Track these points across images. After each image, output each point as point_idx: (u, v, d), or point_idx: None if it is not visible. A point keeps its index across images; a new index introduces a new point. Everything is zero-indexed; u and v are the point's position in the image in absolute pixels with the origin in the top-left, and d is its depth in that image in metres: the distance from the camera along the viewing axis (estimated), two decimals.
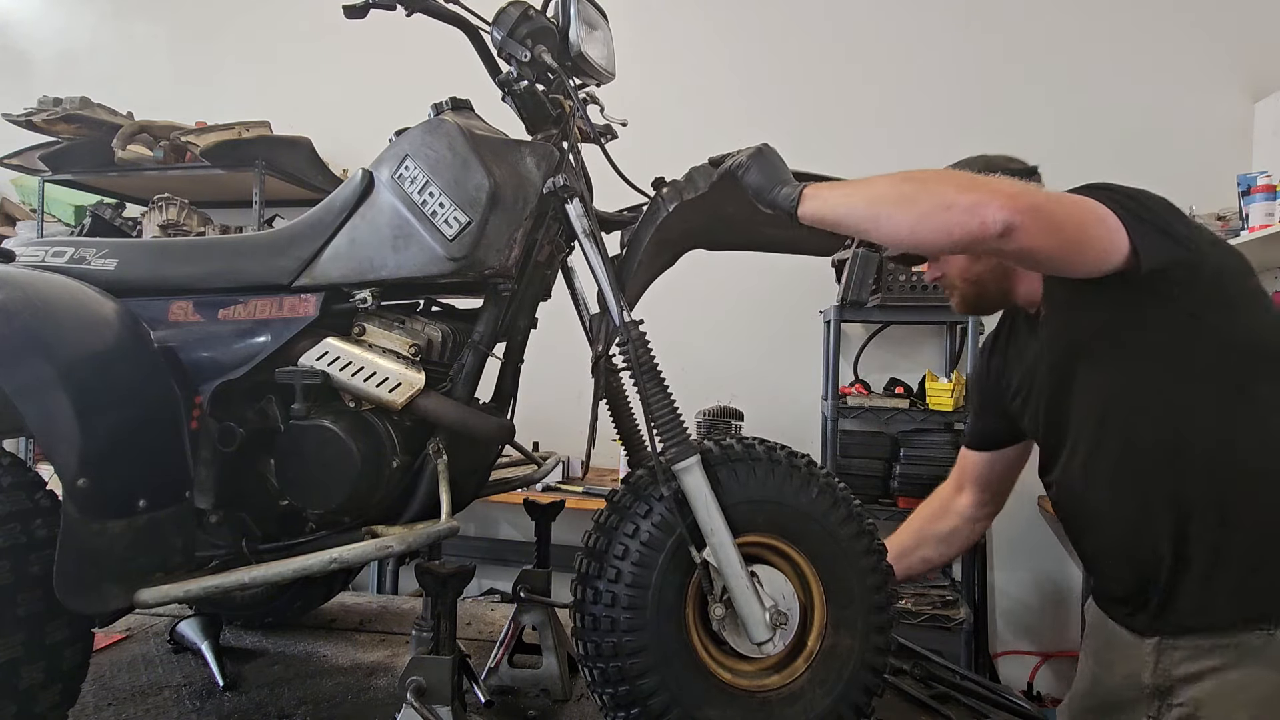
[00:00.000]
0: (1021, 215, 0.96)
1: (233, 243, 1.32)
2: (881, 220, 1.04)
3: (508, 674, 1.46)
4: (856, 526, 1.16)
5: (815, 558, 1.15)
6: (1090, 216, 1.04)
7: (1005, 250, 1.00)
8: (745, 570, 1.09)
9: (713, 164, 1.20)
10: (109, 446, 1.04)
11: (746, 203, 1.16)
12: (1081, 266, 1.06)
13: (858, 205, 1.05)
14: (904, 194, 1.03)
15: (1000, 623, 3.19)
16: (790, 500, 1.14)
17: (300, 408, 1.16)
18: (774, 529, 1.15)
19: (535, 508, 1.61)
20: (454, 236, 1.13)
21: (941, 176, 1.05)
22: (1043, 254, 1.03)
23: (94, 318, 1.12)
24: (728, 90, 3.42)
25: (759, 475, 1.14)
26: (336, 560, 1.04)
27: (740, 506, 1.12)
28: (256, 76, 3.87)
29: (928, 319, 3.11)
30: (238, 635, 1.72)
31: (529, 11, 1.20)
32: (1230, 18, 3.01)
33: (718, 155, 1.20)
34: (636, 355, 1.14)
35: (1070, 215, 1.03)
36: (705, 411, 2.97)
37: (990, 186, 1.00)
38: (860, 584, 1.15)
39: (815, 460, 1.22)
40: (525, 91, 1.23)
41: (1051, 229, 1.01)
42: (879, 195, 1.04)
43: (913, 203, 1.01)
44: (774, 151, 1.16)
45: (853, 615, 1.14)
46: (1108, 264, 1.06)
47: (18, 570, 0.99)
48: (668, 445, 1.11)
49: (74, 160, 3.27)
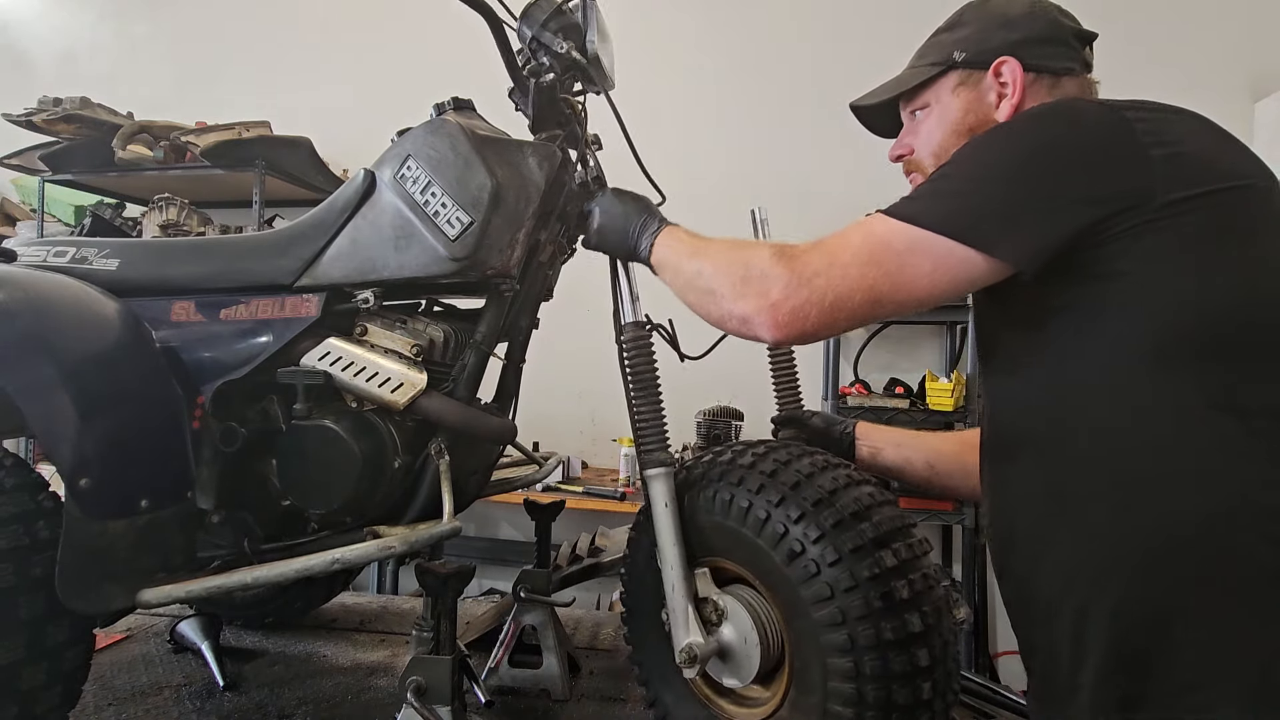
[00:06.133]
0: (785, 328, 0.94)
1: (234, 243, 1.32)
2: (689, 300, 1.06)
3: (508, 674, 1.46)
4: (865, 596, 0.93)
5: (781, 603, 1.02)
6: (892, 260, 0.90)
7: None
8: (686, 591, 1.04)
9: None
10: (111, 446, 1.04)
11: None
12: (915, 305, 0.93)
13: (676, 280, 1.07)
14: (705, 287, 1.03)
15: (1000, 623, 3.19)
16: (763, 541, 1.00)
17: (302, 408, 1.16)
18: (745, 562, 1.05)
19: (535, 508, 1.61)
20: (456, 237, 1.13)
21: (730, 272, 0.99)
22: (843, 324, 0.95)
23: (96, 318, 1.12)
24: (727, 87, 3.43)
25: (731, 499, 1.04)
26: (338, 561, 1.04)
27: (717, 527, 1.06)
28: (256, 76, 3.87)
29: (928, 319, 3.11)
30: (238, 635, 1.72)
31: (562, 6, 1.20)
32: (1230, 18, 3.01)
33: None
34: (633, 359, 1.14)
35: (863, 276, 0.91)
36: (705, 411, 2.96)
37: (758, 292, 0.95)
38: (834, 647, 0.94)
39: (858, 480, 1.03)
40: (549, 85, 1.21)
41: (836, 306, 0.92)
42: (688, 280, 1.05)
43: (709, 295, 1.02)
44: (614, 201, 1.16)
45: (812, 686, 0.98)
46: (965, 281, 0.90)
47: (20, 572, 0.98)
48: (643, 452, 1.11)
49: (74, 160, 3.27)
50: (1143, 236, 0.82)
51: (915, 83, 1.08)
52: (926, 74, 1.07)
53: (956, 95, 1.06)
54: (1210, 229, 0.82)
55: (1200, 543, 0.80)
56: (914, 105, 1.11)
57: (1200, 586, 0.80)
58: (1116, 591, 0.84)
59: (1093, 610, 0.86)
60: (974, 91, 1.04)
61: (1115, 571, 0.85)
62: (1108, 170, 0.84)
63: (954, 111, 1.06)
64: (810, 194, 3.12)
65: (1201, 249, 0.82)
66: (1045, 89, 1.02)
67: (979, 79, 1.04)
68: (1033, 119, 0.94)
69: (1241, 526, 0.79)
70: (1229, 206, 0.83)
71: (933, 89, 1.08)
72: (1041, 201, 0.85)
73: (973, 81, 1.04)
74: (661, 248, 1.10)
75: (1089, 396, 0.88)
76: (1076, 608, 0.87)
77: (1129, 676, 0.84)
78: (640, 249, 1.11)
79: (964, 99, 1.05)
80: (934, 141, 1.07)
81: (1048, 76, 1.02)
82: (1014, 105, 1.01)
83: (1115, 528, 0.85)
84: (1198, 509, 0.81)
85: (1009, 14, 1.04)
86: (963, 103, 1.05)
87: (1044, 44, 1.02)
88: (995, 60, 1.02)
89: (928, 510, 2.82)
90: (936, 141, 1.07)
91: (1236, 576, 0.79)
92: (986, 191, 0.88)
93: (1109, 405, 0.86)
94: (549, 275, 1.38)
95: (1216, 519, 0.80)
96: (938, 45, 1.08)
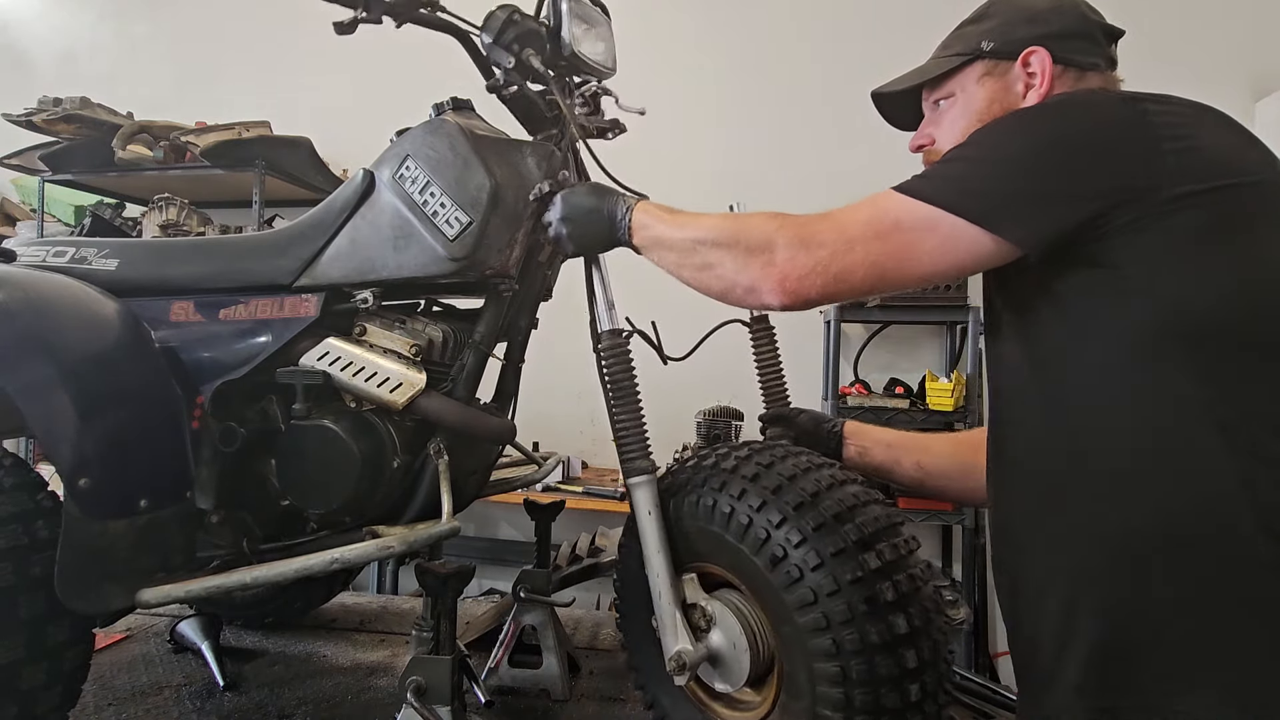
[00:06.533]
0: (792, 295, 0.94)
1: (234, 243, 1.32)
2: (685, 275, 1.05)
3: (508, 674, 1.46)
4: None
5: (765, 607, 1.01)
6: (899, 236, 0.91)
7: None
8: (674, 598, 1.04)
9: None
10: (110, 446, 1.04)
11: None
12: (917, 281, 0.95)
13: (668, 256, 1.06)
14: (703, 261, 1.02)
15: (1000, 623, 3.19)
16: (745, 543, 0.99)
17: (301, 408, 1.16)
18: (730, 566, 1.04)
19: (535, 508, 1.61)
20: (455, 237, 1.13)
21: (733, 241, 0.99)
22: (846, 295, 0.96)
23: (95, 318, 1.12)
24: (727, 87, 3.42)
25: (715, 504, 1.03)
26: (338, 560, 1.04)
27: (702, 532, 1.05)
28: (257, 76, 3.87)
29: (928, 319, 3.10)
30: (238, 635, 1.72)
31: (514, 16, 1.19)
32: (1232, 17, 3.01)
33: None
34: (611, 368, 1.13)
35: (869, 250, 0.92)
36: (705, 412, 2.96)
37: (765, 260, 0.95)
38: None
39: (842, 480, 1.02)
40: (514, 96, 1.23)
41: (840, 277, 0.93)
42: (683, 255, 1.05)
43: (709, 268, 1.01)
44: (573, 200, 1.13)
45: (800, 691, 0.97)
46: (972, 261, 0.91)
47: (20, 572, 0.99)
48: (625, 460, 1.10)
49: (74, 160, 3.27)
50: (1147, 229, 0.82)
51: (940, 71, 1.08)
52: (953, 63, 1.07)
53: (982, 85, 1.05)
54: (1215, 224, 0.82)
55: (1190, 535, 0.81)
56: (938, 95, 1.10)
57: (1189, 578, 0.81)
58: (1104, 582, 0.85)
59: (1081, 600, 0.86)
60: (1000, 81, 1.04)
61: (1104, 562, 0.85)
62: (1118, 163, 0.84)
63: (979, 101, 1.05)
64: (810, 194, 3.12)
65: (1205, 243, 0.82)
66: (1071, 82, 1.02)
67: (1006, 69, 1.03)
68: (1050, 106, 0.95)
69: (1232, 520, 0.79)
70: (1237, 202, 0.83)
71: (958, 78, 1.07)
72: (1052, 188, 0.85)
73: (999, 72, 1.04)
74: (642, 227, 1.08)
75: (1084, 386, 0.88)
76: (1064, 596, 0.88)
77: (1113, 667, 0.84)
78: (620, 233, 1.09)
79: (990, 88, 1.05)
80: (957, 130, 1.05)
81: (1074, 70, 1.02)
82: (1041, 96, 1.01)
83: (1105, 518, 0.85)
84: (1188, 502, 0.81)
85: (1037, 7, 1.04)
86: (988, 92, 1.05)
87: (1072, 38, 1.02)
88: (1024, 50, 1.01)
89: (927, 510, 2.81)
90: (960, 130, 1.05)
91: (1226, 569, 0.80)
92: (1000, 174, 0.89)
93: (1103, 396, 0.86)
94: (548, 275, 1.38)
95: (1207, 512, 0.80)
96: (964, 36, 1.08)
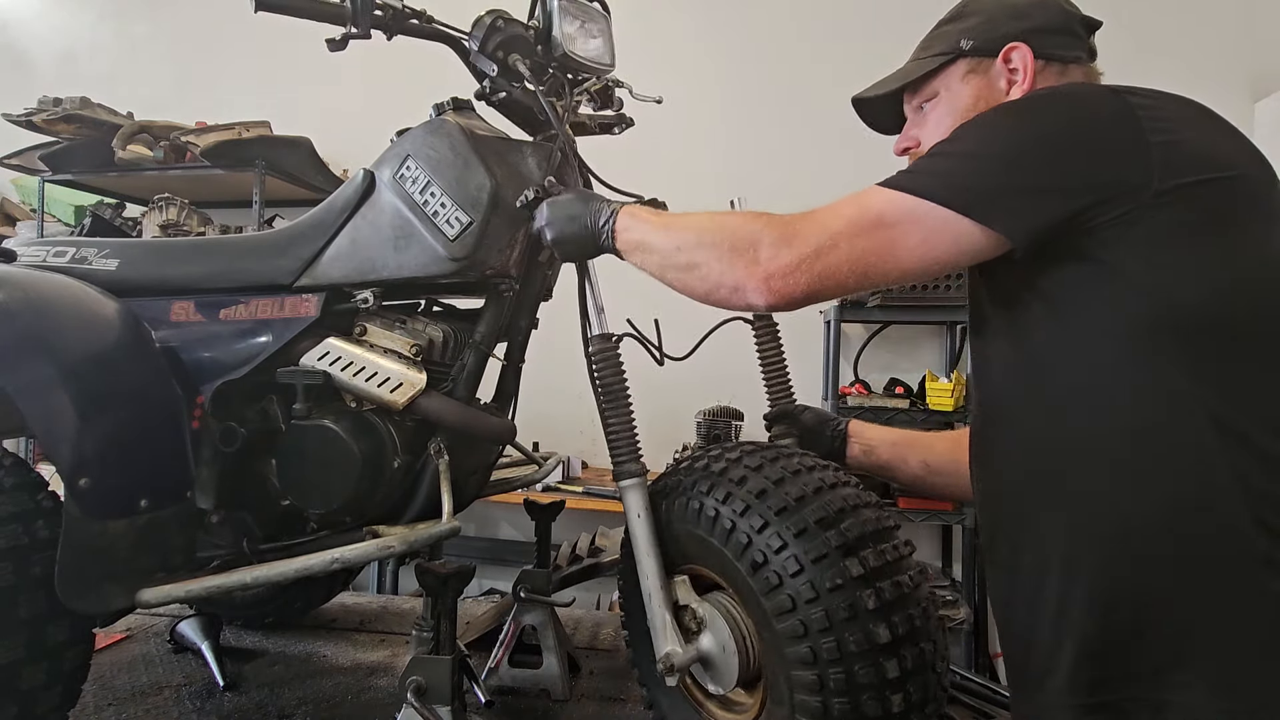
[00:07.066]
0: (777, 294, 0.92)
1: (234, 243, 1.32)
2: (669, 278, 1.03)
3: (508, 674, 1.46)
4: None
5: (750, 611, 1.00)
6: (883, 231, 0.89)
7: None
8: (664, 600, 1.04)
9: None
10: (110, 446, 1.04)
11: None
12: (903, 277, 0.93)
13: (651, 259, 1.04)
14: (687, 262, 1.00)
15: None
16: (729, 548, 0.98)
17: (301, 408, 1.16)
18: (717, 569, 1.04)
19: (535, 508, 1.61)
20: (455, 237, 1.13)
21: (716, 241, 0.98)
22: (832, 293, 0.93)
23: (96, 318, 1.12)
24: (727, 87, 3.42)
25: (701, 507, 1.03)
26: (338, 560, 1.04)
27: (691, 535, 1.05)
28: (257, 76, 3.87)
29: (928, 319, 3.10)
30: (238, 635, 1.72)
31: (498, 22, 1.18)
32: (1230, 18, 3.01)
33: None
34: (601, 372, 1.13)
35: (853, 246, 0.90)
36: (705, 412, 2.97)
37: (749, 260, 0.93)
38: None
39: (833, 483, 1.00)
40: (504, 102, 1.23)
41: (825, 275, 0.91)
42: (665, 257, 1.03)
43: (692, 269, 0.99)
44: (556, 209, 1.10)
45: (781, 697, 0.96)
46: (962, 255, 0.89)
47: (20, 571, 0.99)
48: (616, 464, 1.10)
49: (74, 160, 3.26)
50: (1135, 223, 0.82)
51: (922, 73, 1.08)
52: (934, 63, 1.07)
53: (966, 83, 1.05)
54: (1201, 218, 0.82)
55: (1182, 528, 0.81)
56: (921, 97, 1.10)
57: (1181, 571, 0.81)
58: (1097, 575, 0.85)
59: (1073, 593, 0.86)
60: (983, 79, 1.04)
61: (1097, 556, 0.85)
62: (1108, 156, 0.84)
63: (964, 99, 1.05)
64: (810, 194, 3.12)
65: (1192, 237, 0.82)
66: (1054, 76, 1.02)
67: (988, 66, 1.03)
68: (1038, 99, 0.94)
69: (1224, 513, 0.79)
70: (1221, 196, 0.83)
71: (941, 78, 1.07)
72: (1043, 181, 0.85)
73: (982, 69, 1.04)
74: (624, 231, 1.07)
75: (1072, 380, 0.88)
76: (1057, 589, 0.88)
77: (1106, 660, 0.84)
78: (603, 239, 1.08)
79: (974, 86, 1.04)
80: (943, 130, 1.03)
81: (1056, 64, 1.02)
82: (1024, 91, 1.01)
83: (1098, 512, 0.85)
84: (1181, 495, 0.81)
85: (1016, 3, 1.04)
86: (973, 90, 1.04)
87: (1053, 33, 1.02)
88: (1005, 46, 1.01)
89: (928, 510, 2.81)
90: (946, 129, 1.02)
91: (1218, 562, 0.80)
92: (987, 167, 0.87)
93: (1095, 390, 0.86)
94: (548, 275, 1.38)
95: (1199, 505, 0.80)
96: (943, 36, 1.08)
